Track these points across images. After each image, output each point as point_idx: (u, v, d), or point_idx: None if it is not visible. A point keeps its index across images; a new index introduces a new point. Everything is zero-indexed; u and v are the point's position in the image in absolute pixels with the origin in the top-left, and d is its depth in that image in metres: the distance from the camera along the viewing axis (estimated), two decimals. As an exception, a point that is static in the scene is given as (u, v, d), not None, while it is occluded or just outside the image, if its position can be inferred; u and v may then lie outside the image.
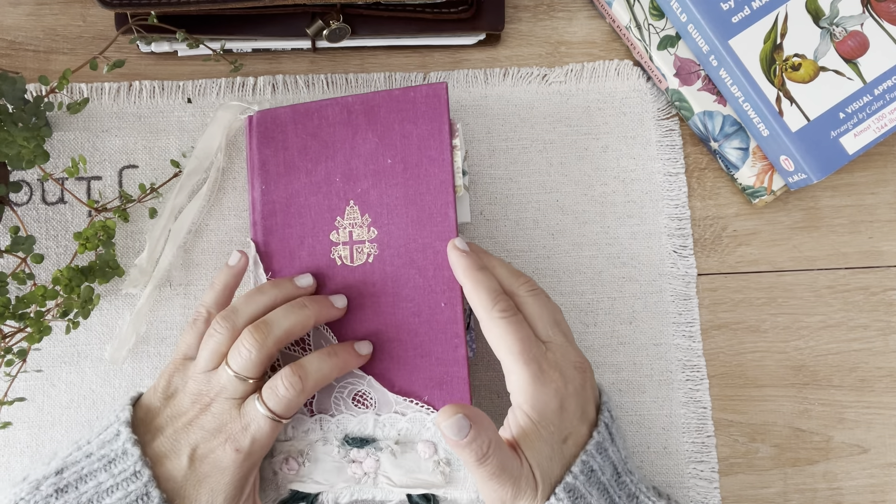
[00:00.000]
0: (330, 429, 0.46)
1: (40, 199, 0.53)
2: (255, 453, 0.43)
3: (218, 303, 0.46)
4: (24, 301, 0.45)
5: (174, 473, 0.41)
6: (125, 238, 0.53)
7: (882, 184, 0.55)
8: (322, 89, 0.54)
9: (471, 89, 0.55)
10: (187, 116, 0.54)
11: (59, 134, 0.54)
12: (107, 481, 0.40)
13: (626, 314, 0.53)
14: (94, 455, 0.41)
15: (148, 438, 0.42)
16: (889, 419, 0.53)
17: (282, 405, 0.42)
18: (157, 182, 0.53)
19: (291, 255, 0.48)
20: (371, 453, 0.45)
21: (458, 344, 0.46)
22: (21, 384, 0.51)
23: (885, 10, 0.49)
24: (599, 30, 0.56)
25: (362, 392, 0.47)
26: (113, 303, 0.52)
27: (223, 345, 0.44)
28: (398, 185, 0.47)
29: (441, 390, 0.46)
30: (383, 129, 0.47)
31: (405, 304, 0.47)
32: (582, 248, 0.53)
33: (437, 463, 0.45)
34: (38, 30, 0.55)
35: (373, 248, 0.47)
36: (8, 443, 0.51)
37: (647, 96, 0.54)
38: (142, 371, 0.52)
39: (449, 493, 0.45)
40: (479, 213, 0.54)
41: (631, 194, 0.54)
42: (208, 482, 0.42)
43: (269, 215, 0.48)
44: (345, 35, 0.53)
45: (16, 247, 0.47)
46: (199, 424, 0.43)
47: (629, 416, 0.52)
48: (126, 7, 0.49)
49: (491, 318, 0.43)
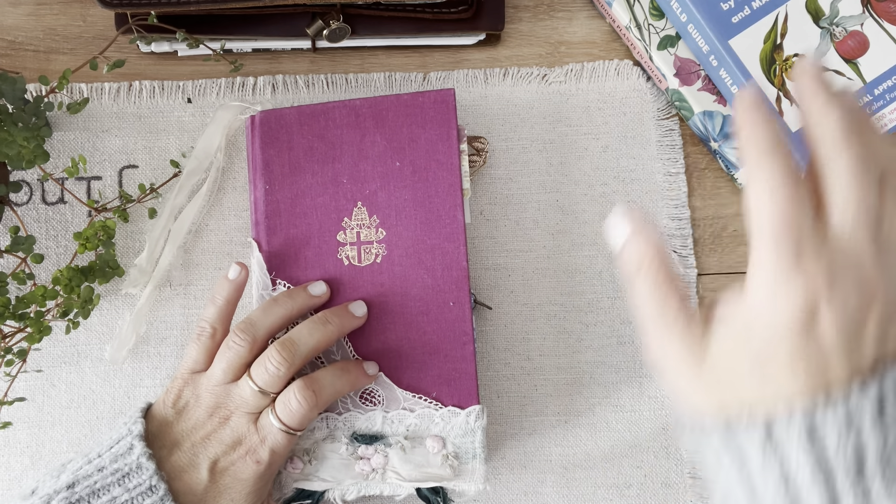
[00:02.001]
0: (337, 426, 0.47)
1: (40, 199, 0.53)
2: (275, 464, 0.43)
3: (221, 317, 0.46)
4: (24, 301, 0.45)
5: (194, 487, 0.41)
6: (125, 238, 0.53)
7: (882, 184, 0.55)
8: (322, 89, 0.54)
9: (471, 89, 0.55)
10: (187, 116, 0.54)
11: (59, 134, 0.54)
12: (121, 496, 0.40)
13: (626, 314, 0.53)
14: (106, 469, 0.41)
15: (164, 453, 0.42)
16: (889, 419, 0.53)
17: (296, 419, 0.43)
18: (156, 182, 0.53)
19: (296, 255, 0.48)
20: (380, 449, 0.46)
21: (466, 341, 0.47)
22: (21, 384, 0.51)
23: (885, 9, 0.49)
24: (599, 30, 0.56)
25: (370, 389, 0.47)
26: (113, 303, 0.52)
27: (242, 357, 0.44)
28: (406, 188, 0.48)
29: (449, 387, 0.47)
30: (391, 133, 0.48)
31: (414, 303, 0.47)
32: (582, 248, 0.53)
33: (445, 457, 0.46)
34: (38, 30, 0.55)
35: (381, 249, 0.48)
36: (8, 443, 0.51)
37: (647, 96, 0.54)
38: (142, 371, 0.52)
39: (457, 486, 0.46)
40: (479, 213, 0.54)
41: (631, 194, 0.54)
42: (228, 494, 0.42)
43: (272, 215, 0.48)
44: (345, 35, 0.53)
45: (16, 247, 0.47)
46: (218, 438, 0.43)
47: (629, 416, 0.52)
48: (126, 7, 0.49)
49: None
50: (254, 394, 0.43)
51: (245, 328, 0.44)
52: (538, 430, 0.52)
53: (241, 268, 0.46)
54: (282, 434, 0.43)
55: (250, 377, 0.43)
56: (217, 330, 0.45)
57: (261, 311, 0.45)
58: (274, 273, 0.48)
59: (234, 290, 0.46)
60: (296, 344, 0.44)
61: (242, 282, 0.46)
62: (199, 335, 0.45)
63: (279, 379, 0.43)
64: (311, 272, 0.48)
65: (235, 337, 0.44)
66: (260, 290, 0.48)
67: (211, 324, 0.45)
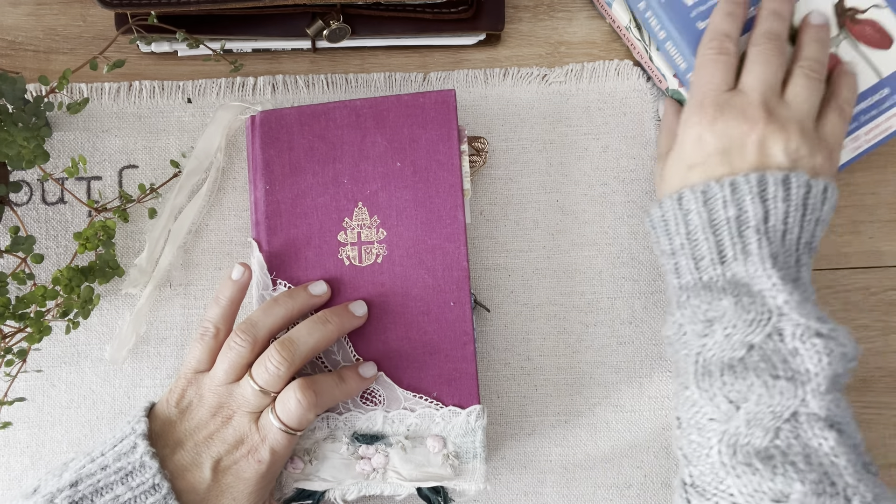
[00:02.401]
0: (338, 426, 0.47)
1: (40, 199, 0.53)
2: (276, 463, 0.43)
3: (225, 317, 0.46)
4: (24, 301, 0.45)
5: (196, 486, 0.42)
6: (125, 238, 0.53)
7: (882, 184, 0.55)
8: (322, 89, 0.55)
9: (471, 89, 0.55)
10: (187, 116, 0.54)
11: (59, 134, 0.54)
12: (124, 494, 0.40)
13: (626, 314, 0.53)
14: (109, 468, 0.41)
15: (167, 452, 0.42)
16: (889, 419, 0.53)
17: (294, 419, 0.43)
18: (156, 182, 0.53)
19: (297, 255, 0.48)
20: (381, 449, 0.46)
21: (466, 341, 0.47)
22: (21, 384, 0.51)
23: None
24: (599, 30, 0.56)
25: (371, 389, 0.47)
26: (113, 303, 0.52)
27: (244, 357, 0.44)
28: (407, 188, 0.48)
29: (450, 386, 0.47)
30: (392, 133, 0.48)
31: (414, 303, 0.47)
32: (582, 248, 0.53)
33: (446, 456, 0.46)
34: (38, 30, 0.55)
35: (382, 249, 0.48)
36: (8, 443, 0.51)
37: (647, 96, 0.54)
38: (142, 371, 0.52)
39: (458, 485, 0.46)
40: (479, 213, 0.54)
41: (631, 194, 0.54)
42: (230, 493, 0.42)
43: (273, 215, 0.48)
44: (345, 35, 0.53)
45: (16, 247, 0.47)
46: (221, 437, 0.43)
47: (629, 416, 0.52)
48: (126, 7, 0.49)
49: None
50: (255, 393, 0.43)
51: (246, 328, 0.44)
52: (538, 430, 0.52)
53: (244, 268, 0.46)
54: (281, 433, 0.43)
55: (251, 377, 0.43)
56: (220, 330, 0.45)
57: (261, 311, 0.45)
58: (274, 273, 0.48)
59: (237, 291, 0.46)
60: (295, 343, 0.44)
61: (246, 282, 0.47)
62: (202, 335, 0.45)
63: (279, 378, 0.43)
64: (312, 272, 0.48)
65: (237, 337, 0.44)
66: (260, 291, 0.48)
67: (214, 324, 0.45)
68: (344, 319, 0.46)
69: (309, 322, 0.45)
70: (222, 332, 0.45)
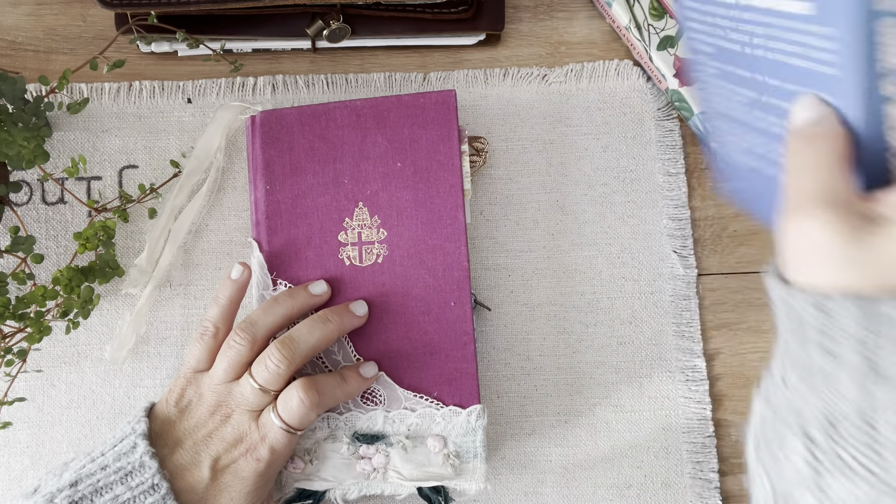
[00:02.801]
0: (338, 426, 0.47)
1: (40, 199, 0.53)
2: (276, 462, 0.43)
3: (224, 317, 0.46)
4: (24, 301, 0.45)
5: (195, 485, 0.42)
6: (125, 238, 0.53)
7: (881, 184, 0.55)
8: (322, 89, 0.55)
9: (471, 89, 0.55)
10: (187, 116, 0.54)
11: (59, 134, 0.54)
12: (124, 494, 0.40)
13: (626, 314, 0.53)
14: (109, 467, 0.41)
15: (166, 451, 0.42)
16: (888, 419, 0.53)
17: (296, 418, 0.43)
18: (156, 182, 0.53)
19: (297, 255, 0.48)
20: (381, 449, 0.46)
21: (467, 341, 0.47)
22: (21, 384, 0.51)
23: None
24: (599, 30, 0.56)
25: (371, 389, 0.47)
26: (113, 303, 0.52)
27: (243, 356, 0.44)
28: (408, 188, 0.48)
29: (450, 386, 0.47)
30: (392, 133, 0.48)
31: (415, 303, 0.47)
32: (582, 248, 0.53)
33: (446, 456, 0.46)
34: (38, 30, 0.55)
35: (382, 249, 0.48)
36: (8, 443, 0.51)
37: (647, 96, 0.54)
38: (142, 371, 0.52)
39: (458, 485, 0.46)
40: (479, 213, 0.54)
41: (631, 194, 0.54)
42: (229, 492, 0.42)
43: (273, 215, 0.48)
44: (345, 35, 0.53)
45: (16, 247, 0.47)
46: (220, 436, 0.43)
47: (629, 416, 0.52)
48: (126, 7, 0.49)
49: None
50: (254, 392, 0.43)
51: (245, 327, 0.44)
52: (538, 430, 0.52)
53: (244, 268, 0.47)
54: (282, 432, 0.43)
55: (251, 375, 0.43)
56: (220, 329, 0.45)
57: (261, 310, 0.45)
58: (275, 273, 0.48)
59: (237, 290, 0.46)
60: (296, 342, 0.44)
61: (245, 282, 0.47)
62: (202, 335, 0.45)
63: (279, 377, 0.43)
64: (313, 272, 0.48)
65: (236, 336, 0.44)
66: (260, 290, 0.48)
67: (214, 323, 0.45)
68: (344, 319, 0.46)
69: (309, 321, 0.45)
70: (222, 332, 0.45)
